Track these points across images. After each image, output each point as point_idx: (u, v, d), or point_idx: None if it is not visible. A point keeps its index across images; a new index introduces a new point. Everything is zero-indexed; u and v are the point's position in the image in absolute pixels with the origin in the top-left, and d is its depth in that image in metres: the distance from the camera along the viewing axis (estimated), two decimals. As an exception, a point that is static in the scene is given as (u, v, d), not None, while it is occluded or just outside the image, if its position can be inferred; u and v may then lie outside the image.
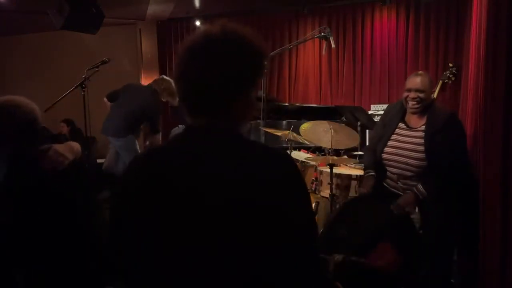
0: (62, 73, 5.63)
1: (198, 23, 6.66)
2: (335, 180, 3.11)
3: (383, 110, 5.80)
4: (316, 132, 3.29)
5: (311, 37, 4.39)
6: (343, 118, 4.94)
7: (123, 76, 5.67)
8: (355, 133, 3.27)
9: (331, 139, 3.04)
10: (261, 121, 3.70)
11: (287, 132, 3.52)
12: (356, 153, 3.92)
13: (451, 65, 5.05)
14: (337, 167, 3.32)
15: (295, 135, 3.48)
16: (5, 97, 1.64)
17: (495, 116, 1.83)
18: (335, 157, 3.18)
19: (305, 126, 3.33)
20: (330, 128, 3.07)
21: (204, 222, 0.88)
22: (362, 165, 3.36)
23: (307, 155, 3.76)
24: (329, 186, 3.04)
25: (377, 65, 5.96)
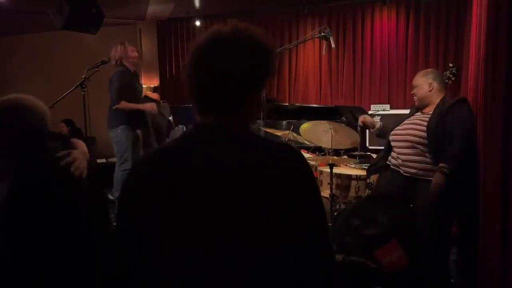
0: (62, 73, 5.62)
1: (198, 23, 6.67)
2: (335, 180, 3.11)
3: (383, 110, 5.77)
4: (316, 132, 3.29)
5: (311, 37, 4.39)
6: (343, 118, 4.94)
7: (123, 76, 5.65)
8: (355, 133, 3.27)
9: (331, 139, 3.05)
10: (261, 121, 3.70)
11: (287, 132, 3.52)
12: (356, 153, 3.91)
13: (451, 65, 5.05)
14: (337, 167, 3.32)
15: (295, 135, 3.48)
16: (15, 96, 1.56)
17: (495, 116, 1.82)
18: (335, 157, 3.18)
19: (305, 126, 3.33)
20: (330, 128, 3.07)
21: (219, 227, 0.87)
22: (362, 165, 3.37)
23: (307, 155, 3.76)
24: (329, 186, 3.04)
25: (377, 65, 5.96)
